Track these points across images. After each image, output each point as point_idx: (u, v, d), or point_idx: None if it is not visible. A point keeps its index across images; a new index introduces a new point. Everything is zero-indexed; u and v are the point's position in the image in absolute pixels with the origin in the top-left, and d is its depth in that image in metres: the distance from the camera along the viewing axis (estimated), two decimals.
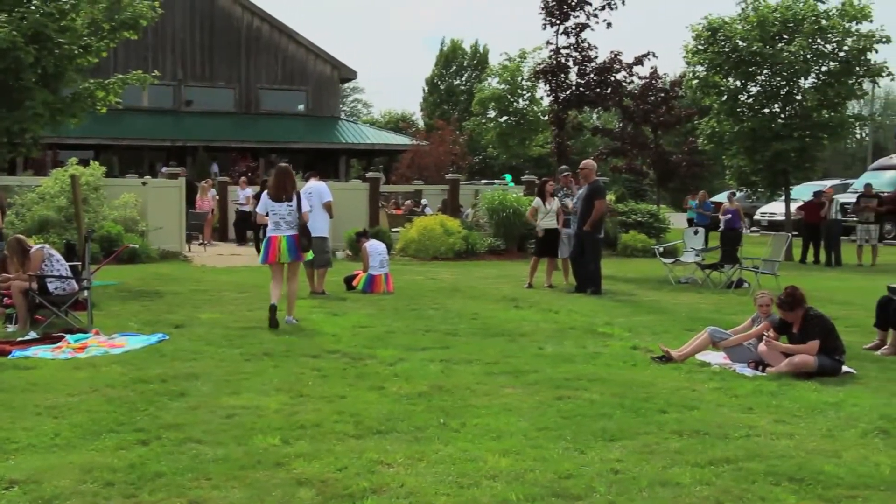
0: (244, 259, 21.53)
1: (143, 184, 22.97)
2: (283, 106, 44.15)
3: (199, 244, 24.40)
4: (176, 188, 22.69)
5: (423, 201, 30.09)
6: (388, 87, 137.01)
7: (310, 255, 12.21)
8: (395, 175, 38.86)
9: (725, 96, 24.39)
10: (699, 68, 24.81)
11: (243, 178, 28.17)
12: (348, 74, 47.18)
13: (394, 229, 24.42)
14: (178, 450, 5.96)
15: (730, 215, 24.58)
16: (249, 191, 26.28)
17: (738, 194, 30.54)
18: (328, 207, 14.70)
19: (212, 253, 23.34)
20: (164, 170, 32.33)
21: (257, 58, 43.63)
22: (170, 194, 22.41)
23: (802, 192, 28.02)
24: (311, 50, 44.81)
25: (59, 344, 9.82)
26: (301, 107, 44.92)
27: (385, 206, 27.89)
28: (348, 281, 15.32)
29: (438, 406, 7.25)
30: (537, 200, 16.59)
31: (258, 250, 22.98)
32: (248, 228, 25.82)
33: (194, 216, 24.53)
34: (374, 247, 15.40)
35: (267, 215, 11.71)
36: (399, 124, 62.20)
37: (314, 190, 14.69)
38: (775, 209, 31.64)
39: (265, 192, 11.99)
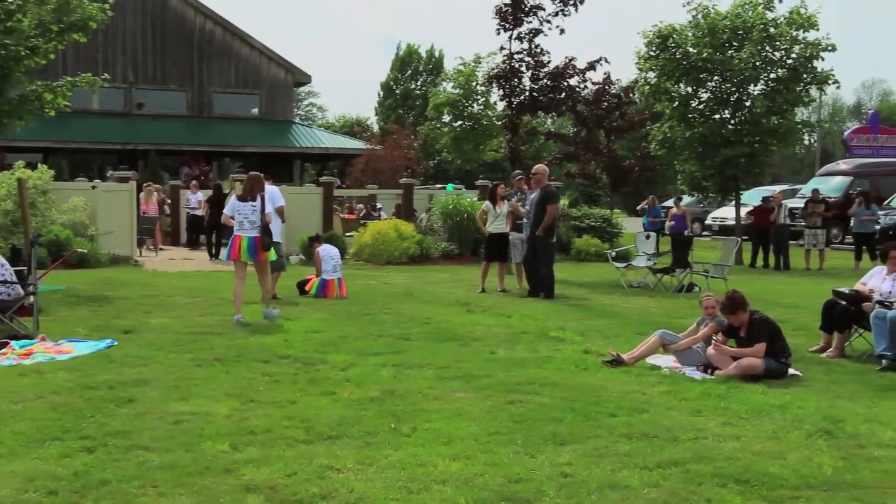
0: (196, 263, 21.34)
1: (93, 187, 22.68)
2: (237, 110, 43.87)
3: (148, 249, 24.10)
4: (127, 192, 22.43)
5: (378, 205, 30.05)
6: (344, 92, 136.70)
7: (273, 256, 12.66)
8: (350, 179, 38.74)
9: (677, 102, 24.64)
10: (651, 74, 25.04)
11: (194, 182, 27.92)
12: (303, 78, 47.01)
13: (347, 234, 24.38)
14: (124, 457, 5.88)
15: (674, 221, 24.77)
16: (201, 195, 26.07)
17: (689, 199, 30.85)
18: (280, 212, 14.59)
19: (163, 257, 23.11)
20: (110, 173, 31.94)
21: (210, 61, 43.31)
22: (120, 198, 22.13)
23: (752, 197, 28.36)
24: (265, 54, 44.59)
25: (4, 350, 9.66)
26: (255, 110, 44.67)
27: (339, 211, 27.81)
28: (301, 286, 15.25)
29: (390, 411, 7.23)
30: (487, 204, 16.63)
31: (210, 254, 22.91)
32: (200, 233, 25.59)
33: (145, 220, 24.25)
34: (326, 251, 15.34)
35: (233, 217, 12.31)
36: (354, 128, 62.04)
37: (267, 194, 14.58)
38: (726, 214, 32.02)
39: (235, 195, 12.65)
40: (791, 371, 8.98)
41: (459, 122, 40.30)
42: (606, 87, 32.88)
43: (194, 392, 7.79)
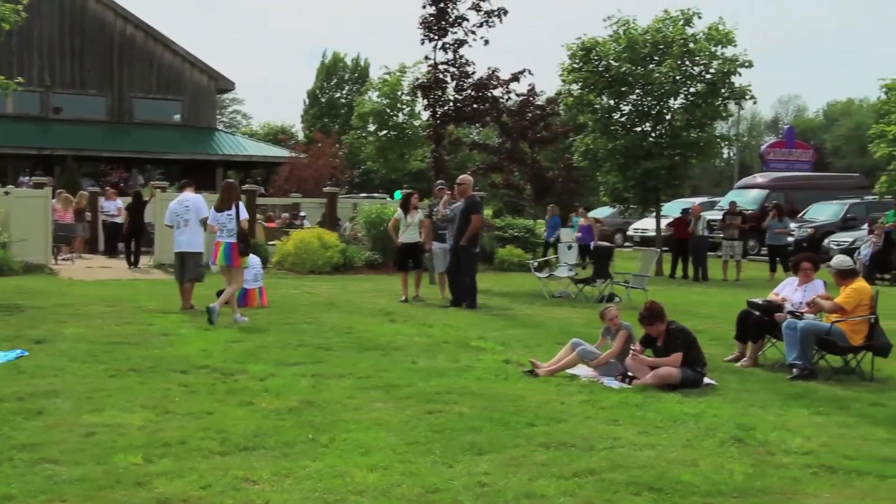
0: (114, 272, 20.92)
1: (6, 193, 22.10)
2: (158, 116, 43.16)
3: (63, 259, 23.51)
4: (41, 198, 21.90)
5: (302, 214, 29.83)
6: (270, 99, 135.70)
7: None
8: (274, 188, 38.39)
9: (599, 115, 24.97)
10: (574, 87, 25.34)
11: (112, 189, 27.38)
12: (226, 85, 46.50)
13: (270, 242, 24.16)
14: (31, 471, 5.72)
15: (580, 233, 24.99)
16: (120, 202, 25.59)
17: (611, 210, 31.23)
18: (204, 223, 14.43)
19: (80, 266, 22.59)
20: (23, 179, 31.11)
21: (131, 66, 42.54)
22: (35, 204, 21.60)
23: (673, 209, 28.86)
24: (188, 59, 43.98)
25: None
26: (177, 117, 44.03)
27: (261, 219, 27.55)
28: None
29: (308, 421, 7.18)
30: (399, 213, 16.62)
31: (129, 262, 22.49)
32: (118, 241, 25.09)
33: (60, 227, 23.69)
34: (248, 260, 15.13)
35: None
36: (278, 136, 61.57)
37: (191, 204, 14.41)
38: (647, 225, 32.52)
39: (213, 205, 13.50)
40: (706, 380, 9.14)
41: (384, 132, 40.14)
42: (531, 99, 33.16)
43: (107, 403, 7.62)
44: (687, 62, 24.26)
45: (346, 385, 8.67)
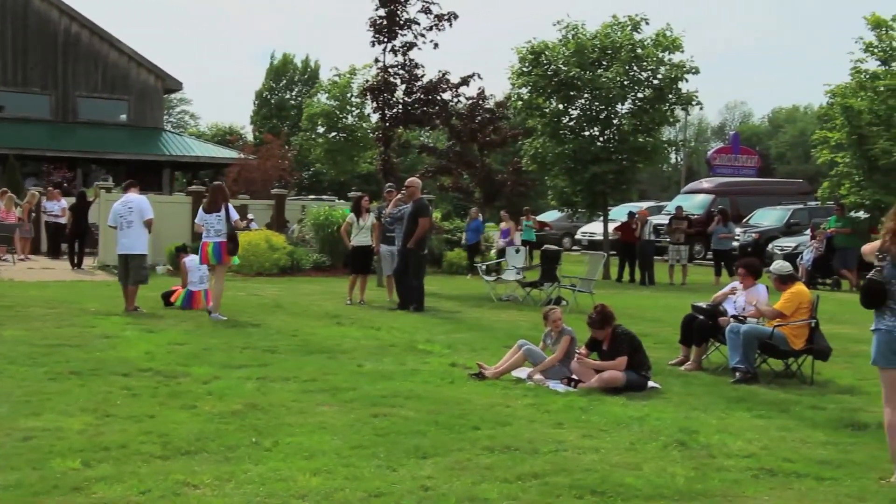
0: (56, 273, 20.58)
1: None
2: (104, 115, 42.51)
3: (2, 259, 23.06)
4: None
5: (250, 216, 29.57)
6: (219, 100, 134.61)
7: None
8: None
9: (548, 118, 25.10)
10: (523, 90, 25.45)
11: (57, 190, 26.92)
12: (173, 85, 45.96)
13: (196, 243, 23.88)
14: None
15: (502, 236, 25.00)
16: (64, 202, 25.19)
17: (559, 214, 31.33)
18: (149, 224, 14.25)
19: (21, 267, 22.19)
20: None
21: (76, 64, 41.87)
22: None
23: (620, 213, 29.08)
24: (134, 58, 43.39)
25: None
26: (123, 116, 43.43)
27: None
28: (166, 297, 14.89)
29: (251, 425, 7.11)
30: (351, 216, 16.58)
31: (72, 264, 22.15)
32: (61, 241, 24.70)
33: (2, 228, 23.25)
34: (193, 262, 15.02)
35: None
36: (227, 137, 61.05)
37: (134, 205, 14.23)
38: (595, 229, 32.73)
39: (201, 206, 14.11)
40: (651, 384, 9.22)
41: (334, 134, 40.06)
42: (480, 102, 33.21)
43: (46, 407, 7.49)
44: (634, 67, 24.49)
45: (292, 388, 8.61)
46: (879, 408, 6.99)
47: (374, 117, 28.32)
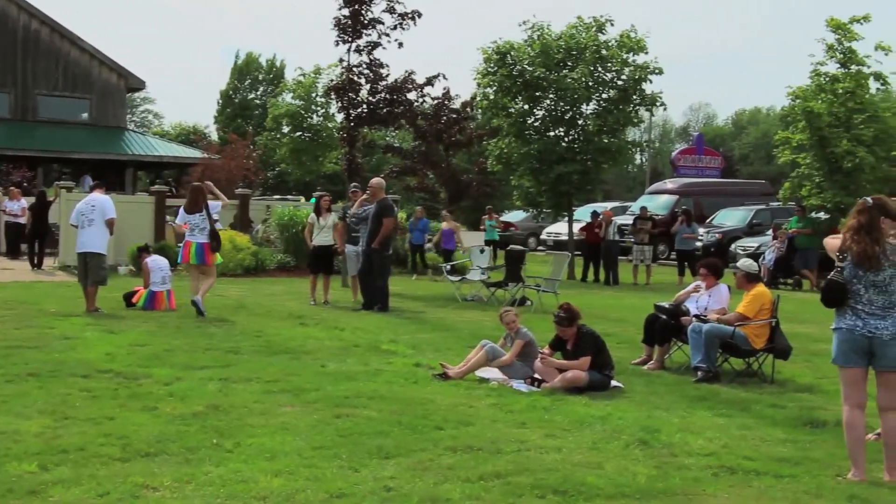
0: (15, 274, 20.31)
1: None
2: (65, 114, 41.99)
3: None
4: None
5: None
6: (183, 99, 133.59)
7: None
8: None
9: (513, 118, 25.15)
10: (489, 90, 25.49)
11: (16, 189, 26.57)
12: (136, 84, 45.55)
13: (180, 244, 23.67)
14: None
15: (443, 237, 24.94)
16: (24, 201, 24.88)
17: (524, 214, 31.34)
18: (110, 224, 14.11)
19: None
20: None
21: (35, 62, 41.33)
22: None
23: (585, 214, 29.20)
24: (96, 57, 42.91)
25: None
26: (85, 115, 42.96)
27: (172, 221, 27.04)
28: (128, 297, 14.75)
29: (213, 426, 7.06)
30: (312, 216, 16.54)
31: (32, 264, 21.89)
32: (21, 241, 24.40)
33: None
34: (155, 262, 14.91)
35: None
36: (190, 137, 60.59)
37: (97, 204, 14.10)
38: (560, 229, 32.84)
39: (182, 205, 14.51)
40: (614, 383, 9.26)
41: (298, 133, 39.85)
42: (446, 102, 33.23)
43: (3, 409, 7.39)
44: (599, 68, 24.60)
45: (254, 389, 8.56)
46: (838, 406, 7.08)
47: (339, 117, 28.23)
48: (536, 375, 9.25)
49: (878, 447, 6.54)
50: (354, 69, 24.56)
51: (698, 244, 26.12)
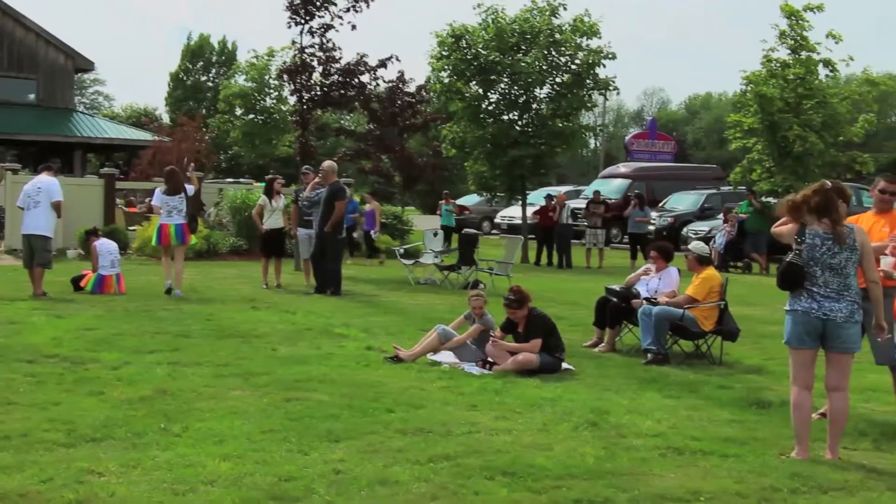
0: None
1: None
2: (10, 95, 41.05)
3: None
4: None
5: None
6: (134, 81, 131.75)
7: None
8: (136, 172, 37.23)
9: (468, 102, 25.11)
10: (443, 74, 25.41)
11: None
12: (85, 65, 44.73)
13: (130, 228, 23.46)
14: None
15: (365, 219, 24.83)
16: None
17: (478, 198, 31.28)
18: (56, 207, 13.89)
19: None
20: None
21: None
22: None
23: (539, 198, 29.28)
24: (43, 36, 42.00)
25: None
26: (31, 96, 42.13)
27: (122, 204, 26.74)
28: (76, 281, 14.54)
29: (161, 410, 6.99)
30: (263, 198, 16.40)
31: None
32: None
33: None
34: (104, 246, 14.72)
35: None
36: (141, 119, 59.79)
37: (44, 186, 13.88)
38: (514, 213, 32.91)
39: (159, 188, 14.85)
40: (565, 365, 9.31)
41: (252, 116, 39.56)
42: (400, 86, 33.09)
43: None
44: (553, 52, 24.62)
45: (204, 373, 8.50)
46: (784, 386, 7.19)
47: (292, 100, 27.91)
48: (488, 358, 9.26)
49: (821, 426, 6.65)
50: (307, 51, 24.31)
51: (650, 228, 26.32)
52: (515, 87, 24.81)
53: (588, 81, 24.98)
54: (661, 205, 32.28)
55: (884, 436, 6.94)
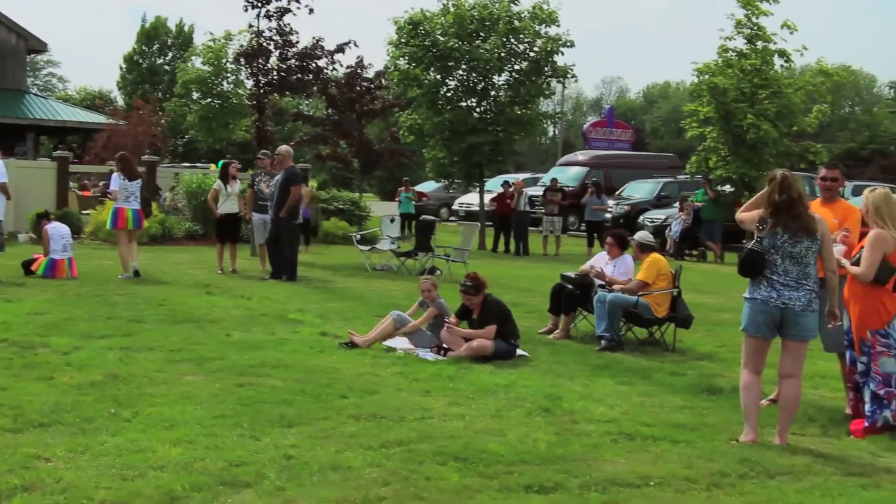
0: None
1: None
2: None
3: None
4: None
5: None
6: (89, 63, 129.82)
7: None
8: (90, 155, 36.74)
9: (426, 89, 25.04)
10: (401, 61, 25.31)
11: None
12: (38, 45, 43.90)
13: (84, 212, 23.16)
14: None
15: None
16: None
17: (436, 185, 31.12)
18: (3, 189, 13.64)
19: None
20: None
21: None
22: None
23: (497, 185, 29.31)
24: None
25: None
26: None
27: (75, 187, 26.38)
28: (27, 265, 14.30)
29: (111, 396, 6.92)
30: (218, 183, 16.24)
31: None
32: None
33: None
34: (56, 230, 14.48)
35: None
36: (96, 102, 58.98)
37: None
38: (472, 200, 32.93)
39: (117, 173, 14.72)
40: (519, 352, 9.34)
41: (208, 100, 39.10)
42: (359, 71, 32.96)
43: None
44: (512, 40, 24.63)
45: (156, 358, 8.42)
46: (735, 373, 7.28)
47: (249, 84, 27.71)
48: (443, 344, 9.27)
49: (771, 412, 6.74)
50: (264, 35, 24.15)
51: (607, 216, 26.46)
52: (474, 74, 24.78)
53: (546, 69, 25.02)
54: (618, 193, 32.42)
55: (831, 422, 7.05)
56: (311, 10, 23.96)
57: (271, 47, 23.87)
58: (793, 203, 6.24)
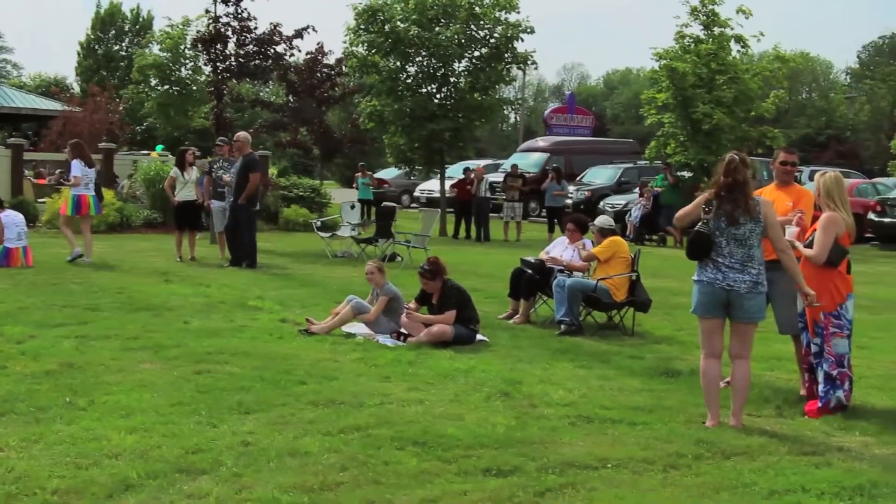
0: None
1: None
2: None
3: None
4: None
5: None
6: (44, 50, 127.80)
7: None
8: (46, 142, 36.24)
9: (385, 76, 24.91)
10: (359, 49, 25.15)
11: None
12: None
13: (40, 200, 22.86)
14: None
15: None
16: None
17: (397, 172, 31.12)
18: None
19: None
20: None
21: None
22: None
23: (458, 171, 29.30)
24: None
25: None
26: None
27: (30, 175, 26.03)
28: None
29: (66, 384, 6.85)
30: (175, 170, 16.09)
31: None
32: None
33: None
34: (10, 218, 14.29)
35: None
36: (51, 89, 58.12)
37: None
38: (433, 186, 32.91)
39: (77, 160, 14.89)
40: (479, 337, 9.36)
41: (167, 87, 38.66)
42: (319, 58, 32.76)
43: None
44: (472, 26, 24.57)
45: (112, 346, 8.34)
46: (693, 356, 7.34)
47: (207, 70, 27.39)
48: (402, 330, 9.26)
49: (728, 394, 6.80)
50: (221, 21, 23.89)
51: (568, 202, 26.55)
52: (433, 61, 24.69)
53: (507, 55, 24.99)
54: (578, 179, 32.58)
55: (786, 402, 7.13)
56: None
57: (229, 33, 23.61)
58: (735, 185, 6.30)
